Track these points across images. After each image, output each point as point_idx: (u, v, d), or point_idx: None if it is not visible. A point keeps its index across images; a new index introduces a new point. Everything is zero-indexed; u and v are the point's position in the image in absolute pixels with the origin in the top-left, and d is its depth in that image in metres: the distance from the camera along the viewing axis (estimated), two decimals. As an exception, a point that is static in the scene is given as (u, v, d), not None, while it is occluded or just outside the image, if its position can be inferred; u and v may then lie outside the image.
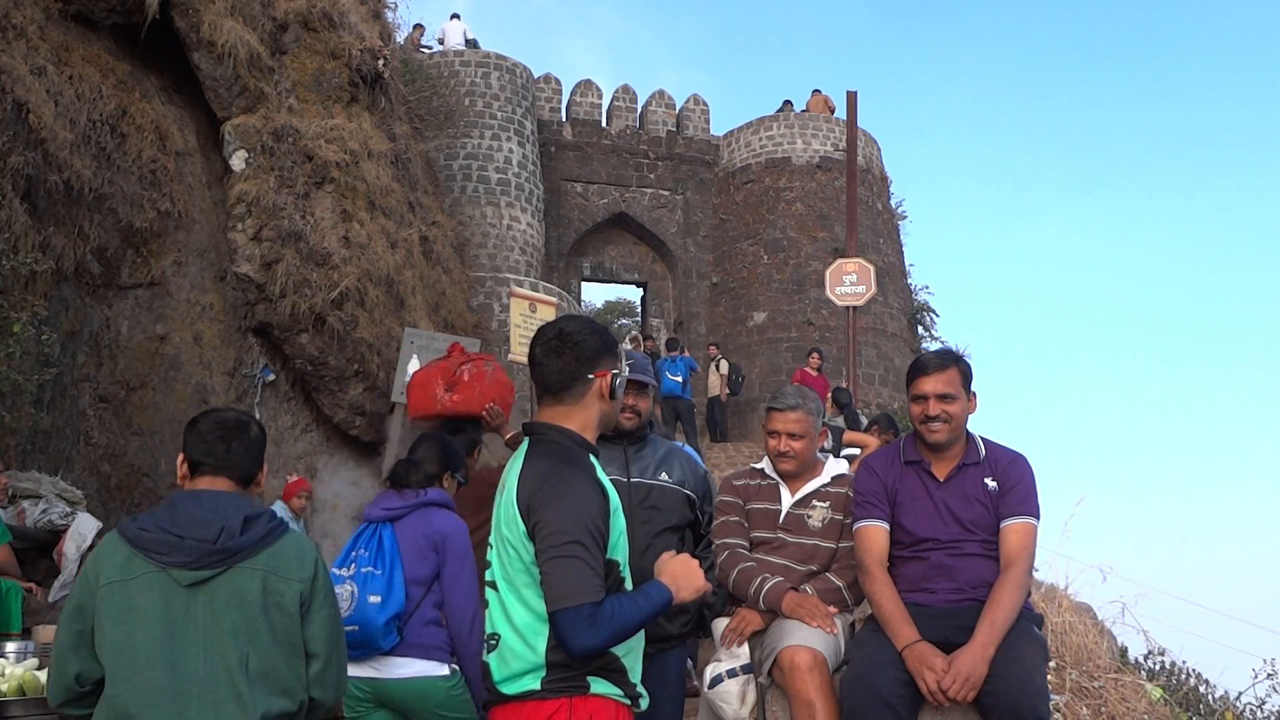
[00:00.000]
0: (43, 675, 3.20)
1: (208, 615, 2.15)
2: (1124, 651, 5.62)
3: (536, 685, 2.14)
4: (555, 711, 2.12)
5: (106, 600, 2.13)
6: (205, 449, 2.32)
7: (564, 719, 2.11)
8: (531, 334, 11.57)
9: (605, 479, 2.22)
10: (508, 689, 2.17)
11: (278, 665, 2.19)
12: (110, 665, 2.12)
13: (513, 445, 4.49)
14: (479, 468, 4.54)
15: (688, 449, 3.62)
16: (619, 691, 2.19)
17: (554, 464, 2.18)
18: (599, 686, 2.16)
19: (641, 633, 2.26)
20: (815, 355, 13.60)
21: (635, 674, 2.26)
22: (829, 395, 10.98)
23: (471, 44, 18.60)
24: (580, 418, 2.28)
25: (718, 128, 20.51)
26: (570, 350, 2.26)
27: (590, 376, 2.27)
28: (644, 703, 2.26)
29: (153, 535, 2.18)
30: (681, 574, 2.27)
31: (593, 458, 2.25)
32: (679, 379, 13.59)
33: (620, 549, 2.24)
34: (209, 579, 2.16)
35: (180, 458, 2.36)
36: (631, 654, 2.25)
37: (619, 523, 2.24)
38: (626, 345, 16.96)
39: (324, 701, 2.32)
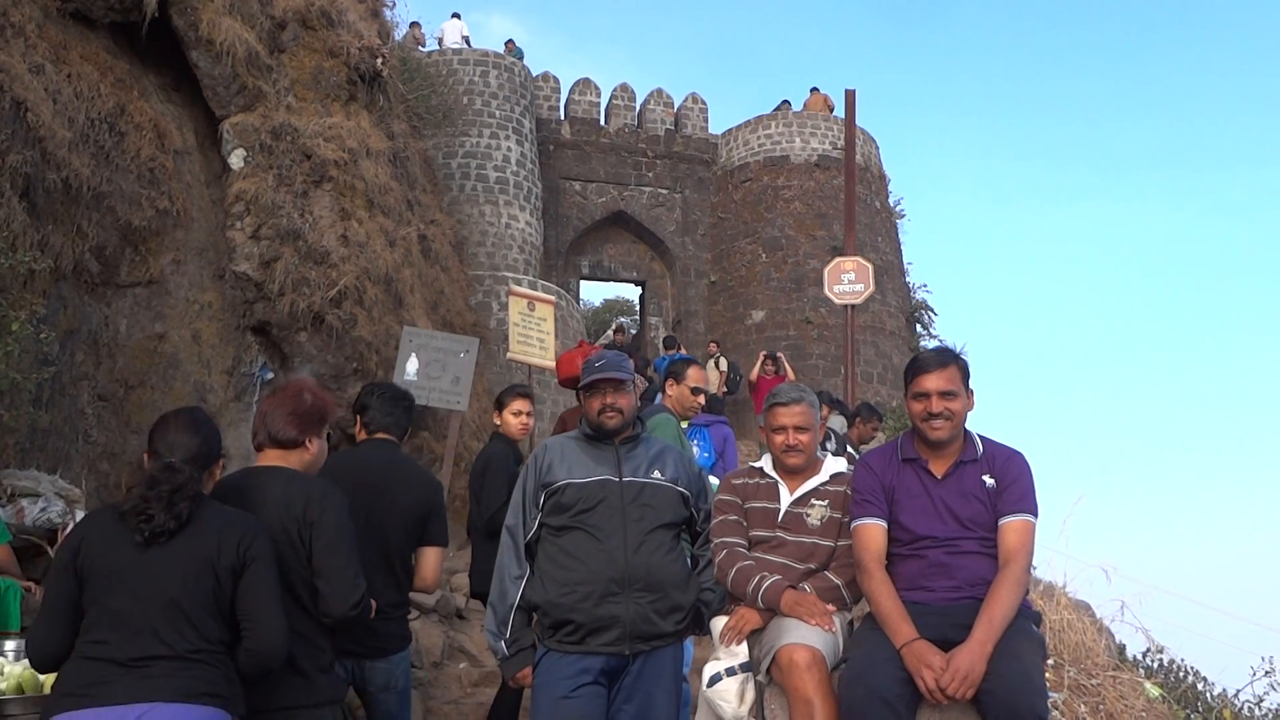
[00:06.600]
0: (43, 675, 3.17)
1: None
2: (1122, 649, 5.62)
3: None
4: None
5: None
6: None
7: None
8: (530, 333, 11.67)
9: None
10: None
11: None
12: None
13: None
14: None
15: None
16: None
17: None
18: None
19: None
20: (768, 360, 12.89)
21: None
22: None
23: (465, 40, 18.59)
24: None
25: (716, 126, 20.49)
26: None
27: None
28: None
29: None
30: None
31: None
32: (677, 378, 13.45)
33: None
34: None
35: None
36: None
37: None
38: (610, 335, 16.88)
39: None
